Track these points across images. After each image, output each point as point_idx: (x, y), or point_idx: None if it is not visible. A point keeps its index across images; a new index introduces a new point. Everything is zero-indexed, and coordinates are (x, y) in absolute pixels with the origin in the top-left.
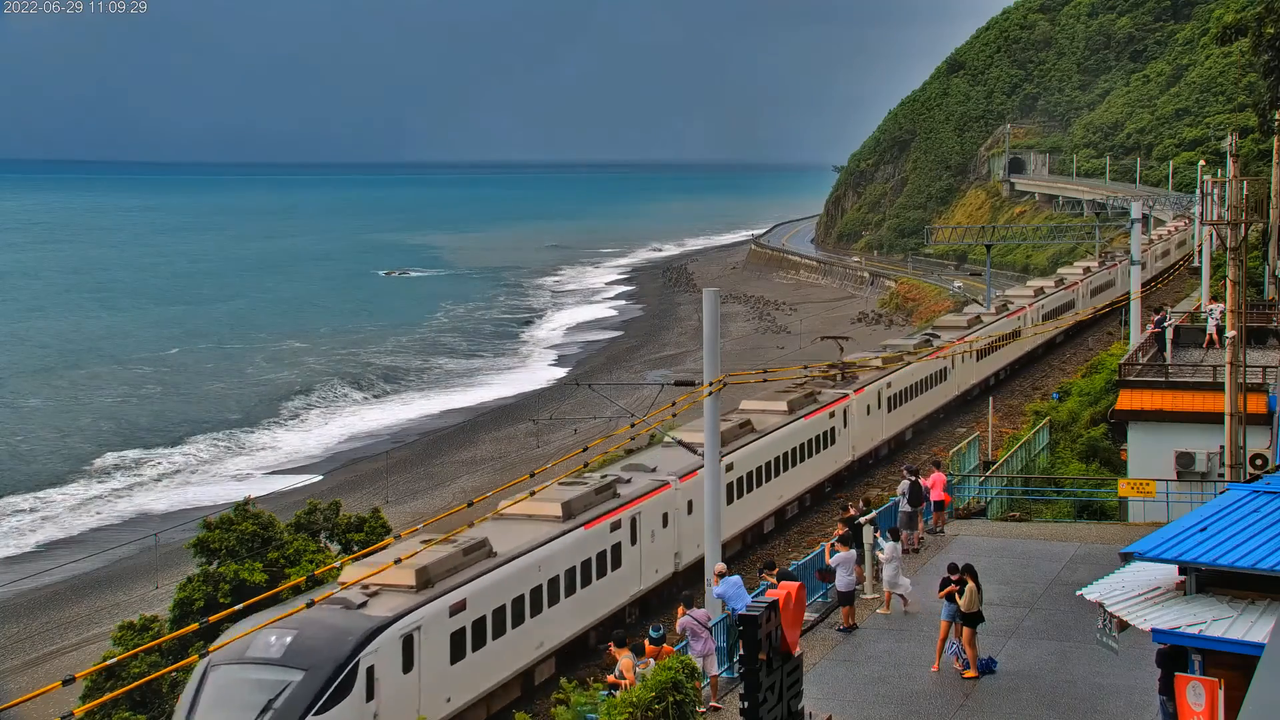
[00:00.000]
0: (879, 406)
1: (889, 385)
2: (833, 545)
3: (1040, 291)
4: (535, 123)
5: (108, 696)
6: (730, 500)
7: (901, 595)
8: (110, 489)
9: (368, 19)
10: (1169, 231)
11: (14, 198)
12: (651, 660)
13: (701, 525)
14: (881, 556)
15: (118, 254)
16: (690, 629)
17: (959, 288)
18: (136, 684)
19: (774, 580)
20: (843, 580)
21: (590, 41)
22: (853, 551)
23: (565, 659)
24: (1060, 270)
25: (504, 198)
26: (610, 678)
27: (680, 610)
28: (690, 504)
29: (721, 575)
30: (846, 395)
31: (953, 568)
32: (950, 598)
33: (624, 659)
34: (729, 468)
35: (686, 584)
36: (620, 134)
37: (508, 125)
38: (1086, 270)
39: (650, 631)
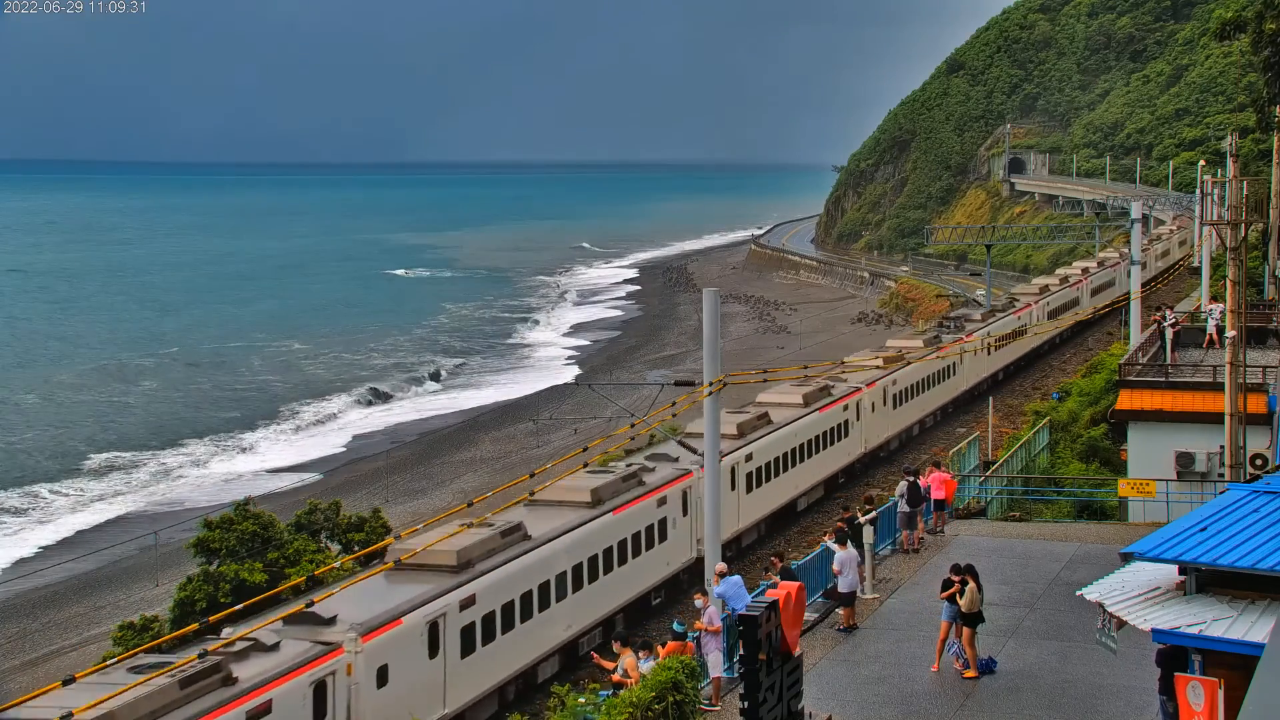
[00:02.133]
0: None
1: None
2: (831, 544)
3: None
4: (535, 123)
5: (108, 696)
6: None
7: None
8: (109, 488)
9: (369, 19)
10: (1119, 259)
11: (22, 198)
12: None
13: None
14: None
15: (135, 255)
16: (715, 619)
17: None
18: (137, 683)
19: (776, 579)
20: (844, 581)
21: (590, 42)
22: (854, 551)
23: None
24: (886, 348)
25: (502, 198)
26: (616, 676)
27: (705, 600)
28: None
29: (722, 575)
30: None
31: (955, 569)
32: (952, 599)
33: (628, 658)
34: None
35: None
36: (620, 134)
37: (507, 125)
38: (930, 341)
39: (674, 625)
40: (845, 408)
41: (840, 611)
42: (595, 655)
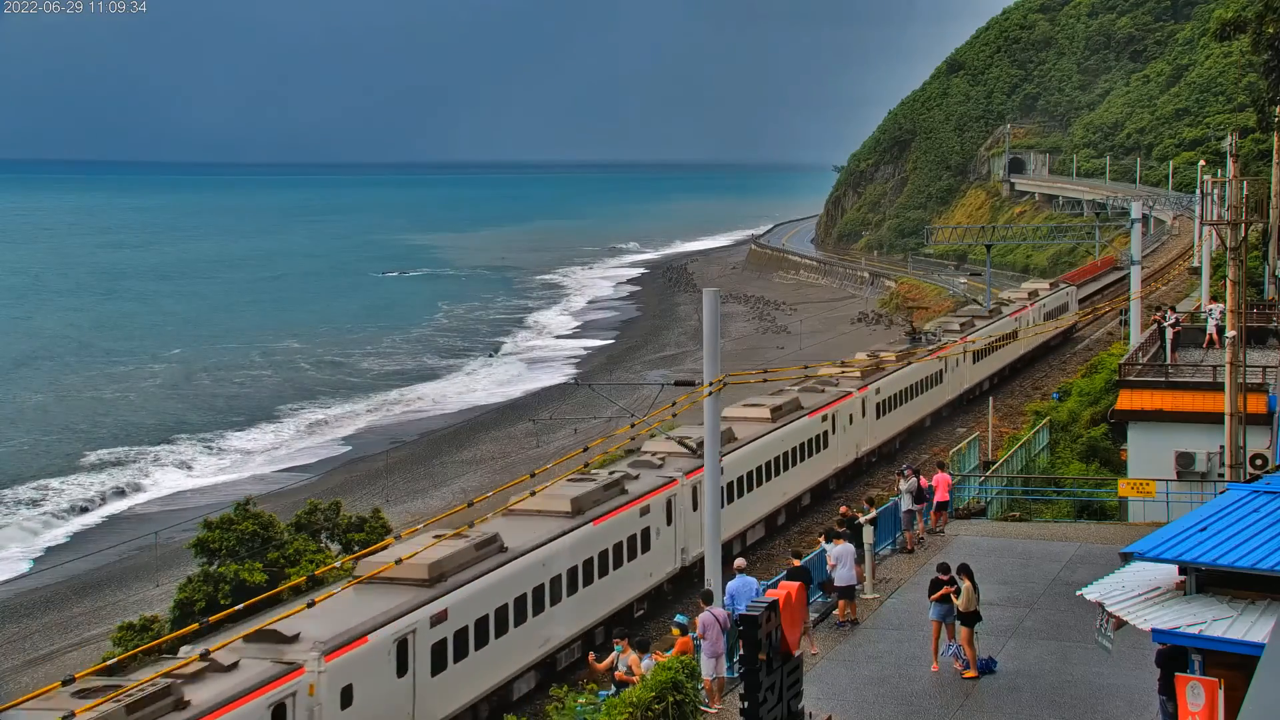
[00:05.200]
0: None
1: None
2: (825, 545)
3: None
4: (535, 123)
5: (107, 698)
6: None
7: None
8: (108, 487)
9: (371, 18)
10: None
11: (24, 197)
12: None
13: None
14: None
15: (134, 256)
16: (709, 626)
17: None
18: (136, 685)
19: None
20: (842, 575)
21: (591, 42)
22: (849, 546)
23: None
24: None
25: (503, 198)
26: (620, 674)
27: (702, 606)
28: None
29: (740, 571)
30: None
31: (943, 568)
32: (944, 599)
33: (631, 655)
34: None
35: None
36: (620, 134)
37: (507, 126)
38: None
39: (678, 618)
40: (645, 510)
41: (840, 604)
42: (591, 655)
